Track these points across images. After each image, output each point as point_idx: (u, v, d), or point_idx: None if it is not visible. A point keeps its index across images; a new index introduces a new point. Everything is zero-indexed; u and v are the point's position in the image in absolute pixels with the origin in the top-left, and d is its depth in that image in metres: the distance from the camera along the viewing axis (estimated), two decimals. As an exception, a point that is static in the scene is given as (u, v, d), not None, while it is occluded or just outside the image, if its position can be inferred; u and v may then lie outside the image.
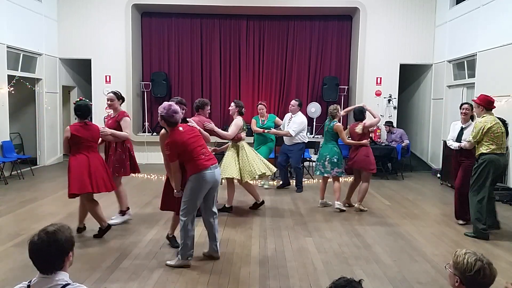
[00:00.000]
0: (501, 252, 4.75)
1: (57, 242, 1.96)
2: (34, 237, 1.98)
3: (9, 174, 8.84)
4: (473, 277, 1.97)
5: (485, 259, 2.01)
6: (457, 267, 2.03)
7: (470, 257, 2.00)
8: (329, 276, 3.92)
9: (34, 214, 6.02)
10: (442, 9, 10.41)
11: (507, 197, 7.25)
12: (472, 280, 1.98)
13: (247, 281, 3.86)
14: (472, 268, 1.97)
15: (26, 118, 10.73)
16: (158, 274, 3.98)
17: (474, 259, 1.99)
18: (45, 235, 1.96)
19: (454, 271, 2.04)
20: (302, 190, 7.85)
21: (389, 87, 10.88)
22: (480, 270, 1.97)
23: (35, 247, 1.95)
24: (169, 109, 3.98)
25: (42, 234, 1.97)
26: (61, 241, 1.97)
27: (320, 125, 11.35)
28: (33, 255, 1.96)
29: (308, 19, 11.53)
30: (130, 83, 10.89)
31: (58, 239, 1.96)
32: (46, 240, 1.95)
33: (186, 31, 11.57)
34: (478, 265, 1.98)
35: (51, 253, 1.95)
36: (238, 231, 5.35)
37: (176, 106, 4.08)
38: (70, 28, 10.83)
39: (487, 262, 2.00)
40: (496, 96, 7.91)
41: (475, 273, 1.97)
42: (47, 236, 1.95)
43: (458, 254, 2.06)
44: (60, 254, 1.98)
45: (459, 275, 2.02)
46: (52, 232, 1.97)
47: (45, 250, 1.94)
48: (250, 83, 11.71)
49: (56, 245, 1.95)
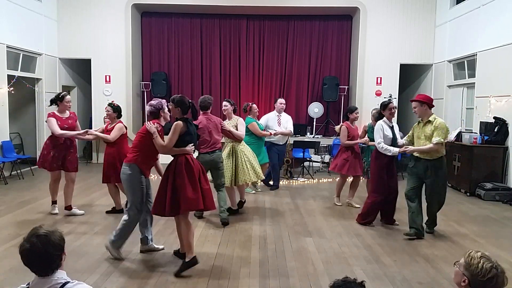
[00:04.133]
0: (501, 252, 4.75)
1: (51, 242, 1.94)
2: (24, 245, 1.93)
3: (9, 174, 8.84)
4: (485, 282, 1.95)
5: (499, 267, 1.98)
6: (469, 268, 2.00)
7: (485, 262, 1.97)
8: (329, 276, 3.92)
9: (34, 214, 6.02)
10: (442, 9, 10.41)
11: (507, 197, 7.25)
12: (482, 285, 1.96)
13: (247, 281, 3.85)
14: (486, 274, 1.95)
15: (26, 118, 10.72)
16: (158, 274, 3.98)
17: (489, 266, 1.96)
18: (37, 238, 1.93)
19: (464, 271, 2.01)
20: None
21: (389, 87, 10.87)
22: (493, 278, 1.95)
23: (30, 253, 1.92)
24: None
25: (33, 239, 1.92)
26: (54, 240, 1.95)
27: (320, 125, 11.36)
28: (28, 261, 1.93)
29: (308, 19, 11.52)
30: (130, 83, 10.89)
31: (51, 239, 1.94)
32: (39, 244, 1.91)
33: (186, 31, 11.57)
34: (493, 272, 1.95)
35: (48, 255, 1.93)
36: (238, 231, 5.35)
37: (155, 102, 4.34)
38: (70, 28, 10.82)
39: (501, 270, 1.98)
40: (496, 96, 7.94)
41: (488, 280, 1.95)
42: (39, 240, 1.92)
43: (472, 255, 2.02)
44: (53, 257, 1.95)
45: (469, 276, 1.99)
46: (43, 234, 1.94)
47: (41, 253, 1.91)
48: (250, 83, 11.71)
49: (51, 245, 1.94)
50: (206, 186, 4.16)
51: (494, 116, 7.87)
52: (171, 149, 4.02)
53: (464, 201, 7.35)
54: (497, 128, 7.75)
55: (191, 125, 4.16)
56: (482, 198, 7.41)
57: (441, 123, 5.02)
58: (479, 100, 8.63)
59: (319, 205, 6.84)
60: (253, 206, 6.70)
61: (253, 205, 6.76)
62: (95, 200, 6.90)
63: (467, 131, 8.94)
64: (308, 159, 9.65)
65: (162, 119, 4.34)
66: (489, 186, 7.46)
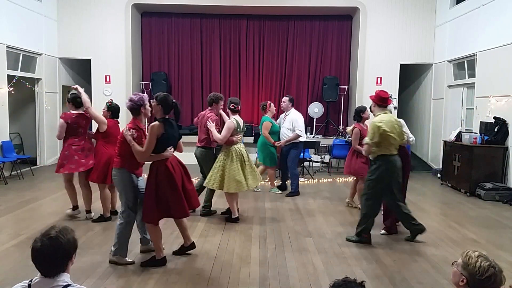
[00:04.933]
0: (501, 252, 4.75)
1: (61, 247, 1.92)
2: (36, 242, 1.93)
3: (9, 174, 8.84)
4: (483, 281, 1.96)
5: (497, 266, 1.99)
6: (466, 268, 2.01)
7: (483, 261, 1.98)
8: (329, 276, 3.92)
9: (34, 214, 6.02)
10: (442, 9, 10.41)
11: (507, 197, 7.25)
12: (480, 284, 1.97)
13: (247, 281, 3.85)
14: (484, 273, 1.96)
15: (26, 118, 10.73)
16: (158, 274, 3.98)
17: (487, 265, 1.97)
18: (48, 240, 1.91)
19: (462, 271, 2.02)
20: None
21: (389, 87, 10.82)
22: (491, 276, 1.96)
23: (38, 253, 1.91)
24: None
25: (44, 240, 1.92)
26: (64, 246, 1.93)
27: (320, 125, 11.37)
28: (36, 261, 1.93)
29: (308, 19, 11.53)
30: (130, 83, 10.89)
31: (62, 243, 1.92)
32: (49, 246, 1.90)
33: (186, 31, 11.57)
34: (491, 271, 1.96)
35: (55, 258, 1.92)
36: (238, 231, 5.35)
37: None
38: (70, 28, 10.83)
39: (499, 269, 1.99)
40: (496, 96, 7.94)
41: (486, 279, 1.96)
42: (49, 242, 1.91)
43: (470, 255, 2.03)
44: (64, 258, 1.95)
45: (468, 276, 2.00)
46: (54, 237, 1.92)
47: (48, 256, 1.90)
48: (250, 83, 11.72)
49: (60, 250, 1.92)
50: (190, 186, 4.24)
51: (494, 116, 7.87)
52: (149, 155, 3.94)
53: (464, 201, 7.35)
54: (497, 128, 7.75)
55: (171, 126, 4.02)
56: (482, 198, 7.41)
57: (372, 123, 4.83)
58: (479, 100, 8.62)
59: (319, 205, 6.84)
60: (253, 206, 6.70)
61: (253, 205, 6.76)
62: (95, 199, 6.89)
63: (467, 131, 8.94)
64: (308, 159, 9.65)
65: (142, 115, 4.18)
66: (489, 186, 7.46)
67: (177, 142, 4.22)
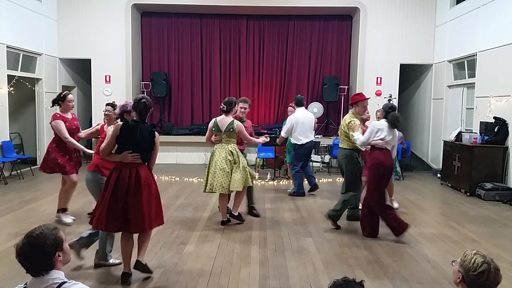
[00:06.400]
0: (502, 252, 4.75)
1: (38, 247, 1.93)
2: (18, 244, 1.96)
3: (9, 174, 8.83)
4: (476, 277, 1.99)
5: (492, 264, 2.01)
6: (462, 264, 2.05)
7: (477, 258, 2.02)
8: (329, 276, 3.92)
9: (34, 214, 6.02)
10: (442, 9, 10.41)
11: (507, 197, 7.24)
12: (474, 280, 1.99)
13: (247, 281, 3.85)
14: (477, 268, 1.99)
15: (26, 118, 10.72)
16: (158, 274, 3.98)
17: (481, 261, 2.00)
18: (27, 239, 1.95)
19: (459, 268, 2.07)
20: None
21: (389, 87, 10.87)
22: (484, 272, 1.98)
23: (18, 253, 1.94)
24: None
25: (24, 240, 1.95)
26: (43, 245, 1.94)
27: (320, 125, 11.36)
28: (18, 260, 1.96)
29: (308, 19, 11.53)
30: (130, 83, 10.89)
31: (40, 244, 1.93)
32: (27, 245, 1.93)
33: (186, 31, 11.57)
34: (484, 267, 1.98)
35: (34, 258, 1.93)
36: (238, 231, 5.35)
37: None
38: (70, 28, 10.83)
39: (494, 266, 2.01)
40: (496, 96, 7.94)
41: (479, 274, 1.98)
42: (29, 242, 1.94)
43: (467, 253, 2.08)
44: (44, 258, 1.95)
45: (463, 272, 2.04)
46: (35, 236, 1.94)
47: (27, 254, 1.93)
48: (250, 83, 11.72)
49: (38, 250, 1.93)
50: (134, 207, 3.64)
51: (494, 116, 7.87)
52: (109, 154, 3.74)
53: (464, 201, 7.35)
54: (497, 128, 7.75)
55: (131, 129, 3.74)
56: (482, 198, 7.41)
57: (343, 120, 5.56)
58: (479, 100, 8.62)
59: (319, 205, 6.84)
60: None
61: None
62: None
63: (467, 131, 8.94)
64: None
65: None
66: (489, 186, 7.45)
67: (144, 147, 3.79)
